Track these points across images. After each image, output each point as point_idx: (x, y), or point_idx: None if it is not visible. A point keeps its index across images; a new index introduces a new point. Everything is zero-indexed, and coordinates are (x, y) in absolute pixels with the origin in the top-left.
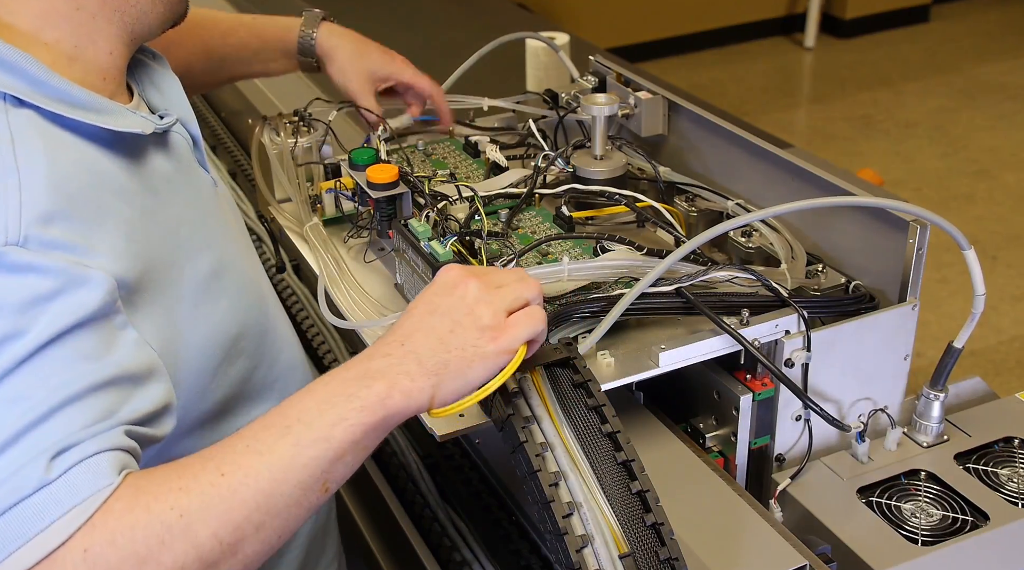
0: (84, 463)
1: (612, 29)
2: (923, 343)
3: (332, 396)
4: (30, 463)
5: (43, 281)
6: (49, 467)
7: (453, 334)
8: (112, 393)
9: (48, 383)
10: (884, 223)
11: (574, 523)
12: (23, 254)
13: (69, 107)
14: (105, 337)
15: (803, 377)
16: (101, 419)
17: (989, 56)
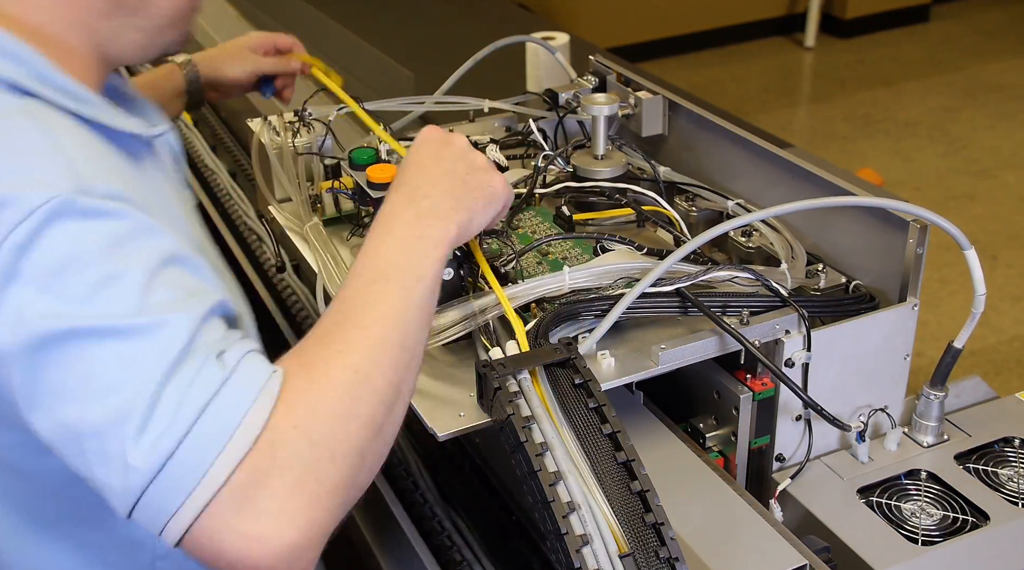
0: (247, 356)
1: (612, 29)
2: (923, 343)
3: (406, 240)
4: (203, 367)
5: (121, 224)
6: (221, 365)
7: (471, 175)
8: (220, 315)
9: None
10: (884, 223)
11: (574, 523)
12: (92, 201)
13: (75, 101)
14: (192, 273)
15: (803, 377)
16: (225, 334)
17: (989, 56)
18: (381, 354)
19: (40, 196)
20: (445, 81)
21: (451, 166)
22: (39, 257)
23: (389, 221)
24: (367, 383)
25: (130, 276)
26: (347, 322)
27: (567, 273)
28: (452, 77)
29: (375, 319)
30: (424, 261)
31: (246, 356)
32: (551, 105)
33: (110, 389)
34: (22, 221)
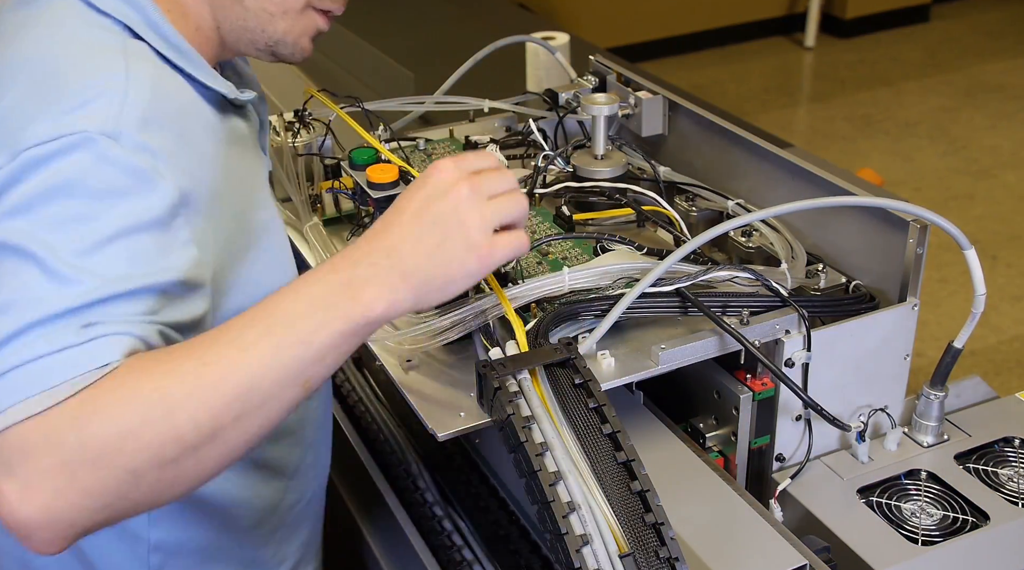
0: (106, 338)
1: (612, 29)
2: (923, 343)
3: (317, 301)
4: (65, 327)
5: (121, 177)
6: (79, 333)
7: (441, 249)
8: (160, 296)
9: (106, 274)
10: (884, 223)
11: (574, 523)
12: (112, 147)
13: (176, 53)
14: (165, 244)
15: (803, 377)
16: (143, 314)
17: (989, 56)
18: (204, 395)
19: (76, 125)
20: (445, 81)
21: (423, 231)
22: (38, 180)
23: (323, 271)
24: (168, 414)
25: (96, 226)
26: (199, 349)
27: (567, 273)
28: (452, 77)
29: (221, 360)
30: (320, 329)
31: (110, 337)
32: (551, 105)
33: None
34: (48, 141)
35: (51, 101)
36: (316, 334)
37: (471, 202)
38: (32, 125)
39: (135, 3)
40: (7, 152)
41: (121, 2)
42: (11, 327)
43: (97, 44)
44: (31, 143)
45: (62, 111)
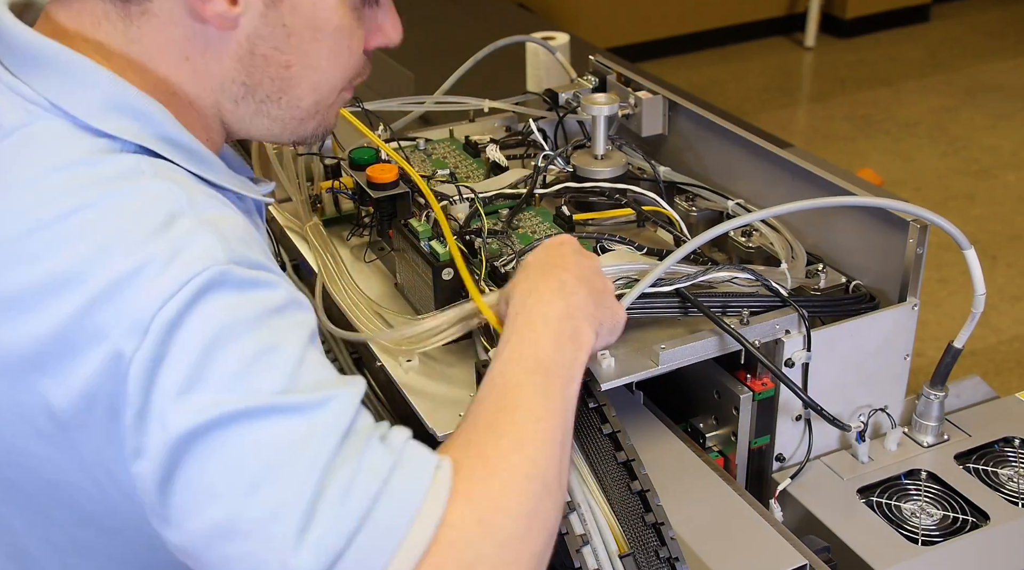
0: (410, 442)
1: (612, 29)
2: (923, 343)
3: (560, 337)
4: (368, 450)
5: (274, 294)
6: (388, 448)
7: (603, 295)
8: None
9: (331, 384)
10: (884, 223)
11: (574, 523)
12: (246, 271)
13: (198, 163)
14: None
15: (803, 377)
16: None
17: (989, 56)
18: (552, 449)
19: (194, 265)
20: (445, 81)
21: (591, 275)
22: (190, 336)
23: (541, 310)
24: (544, 479)
25: (285, 349)
26: (518, 411)
27: None
28: (452, 77)
29: (546, 412)
30: (575, 362)
31: (410, 440)
32: (551, 105)
33: (264, 479)
34: (174, 294)
35: (130, 251)
36: (574, 368)
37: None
38: (133, 287)
39: (148, 116)
40: (128, 333)
41: (129, 119)
42: (306, 480)
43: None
44: (155, 307)
45: (159, 257)
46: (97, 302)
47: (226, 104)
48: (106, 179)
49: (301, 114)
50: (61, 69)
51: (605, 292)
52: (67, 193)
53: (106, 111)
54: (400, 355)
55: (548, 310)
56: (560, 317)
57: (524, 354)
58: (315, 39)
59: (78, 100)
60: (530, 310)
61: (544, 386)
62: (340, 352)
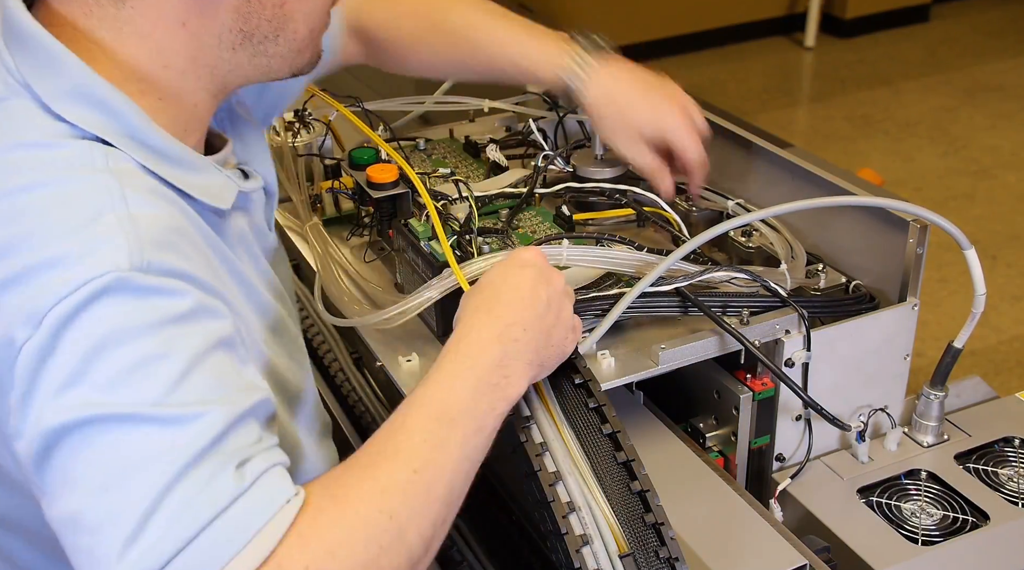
0: (269, 471)
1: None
2: (923, 343)
3: (480, 385)
4: (218, 475)
5: (177, 302)
6: (239, 476)
7: (554, 329)
8: (258, 417)
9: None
10: (884, 223)
11: (574, 523)
12: (149, 278)
13: (162, 161)
14: (239, 364)
15: (803, 377)
16: (259, 439)
17: (989, 56)
18: (423, 504)
19: (95, 268)
20: (444, 82)
21: (544, 310)
22: (78, 336)
23: (472, 354)
24: (400, 534)
25: (171, 359)
26: (399, 457)
27: (565, 248)
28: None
29: (429, 463)
30: (489, 413)
31: (270, 470)
32: (551, 105)
33: (113, 483)
34: (70, 293)
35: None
36: (487, 418)
37: (565, 290)
38: (41, 278)
39: (114, 111)
40: (24, 322)
41: (92, 109)
42: (148, 493)
43: (78, 164)
44: (51, 302)
45: (70, 252)
46: (6, 284)
47: (223, 55)
48: (53, 165)
49: (298, 45)
50: (36, 51)
51: (557, 326)
52: (17, 172)
53: (71, 99)
54: (400, 354)
55: (479, 353)
56: (491, 366)
57: (434, 398)
58: None
59: (46, 84)
60: (462, 351)
61: (441, 436)
62: (340, 352)
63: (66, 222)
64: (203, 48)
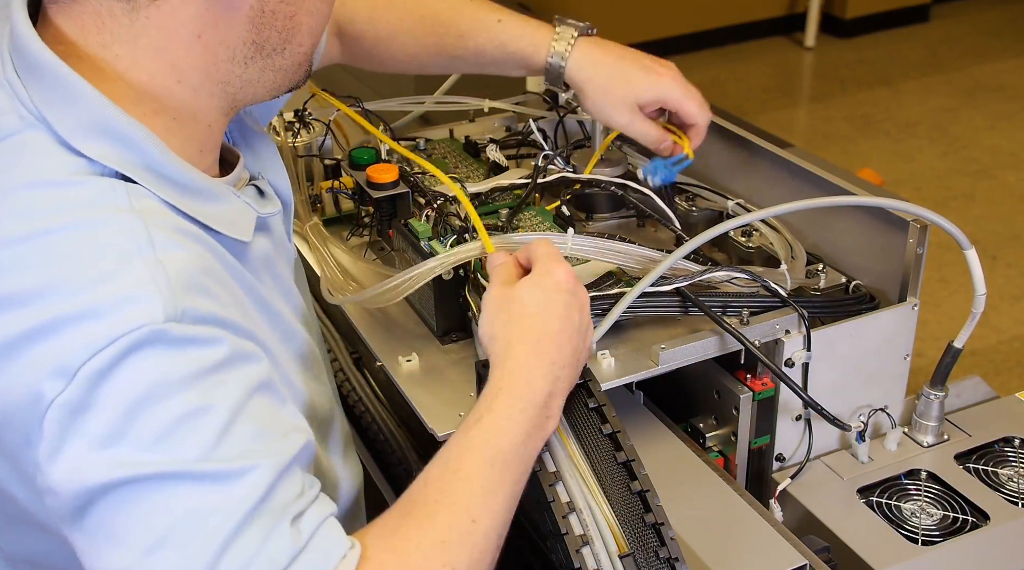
0: (324, 525)
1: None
2: (923, 343)
3: (531, 428)
4: (274, 532)
5: (214, 351)
6: (295, 533)
7: (578, 352)
8: (301, 463)
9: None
10: (884, 223)
11: (574, 523)
12: (184, 328)
13: (179, 193)
14: (278, 405)
15: (803, 377)
16: (303, 489)
17: (989, 56)
18: (481, 553)
19: (130, 321)
20: (445, 81)
21: (580, 340)
22: (115, 392)
23: (524, 395)
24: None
25: (213, 412)
26: (457, 507)
27: (570, 237)
28: (452, 77)
29: (487, 512)
30: (534, 453)
31: (323, 524)
32: (551, 105)
33: (166, 542)
34: (105, 347)
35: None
36: (532, 458)
37: (585, 306)
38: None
39: (133, 143)
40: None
41: (111, 143)
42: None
43: (100, 204)
44: (84, 356)
45: (103, 305)
46: (32, 335)
47: (235, 70)
48: (76, 205)
49: (300, 59)
50: (52, 82)
51: (581, 350)
52: (36, 214)
53: (89, 133)
54: (399, 353)
55: (531, 396)
56: (540, 405)
57: (489, 443)
58: None
59: (63, 117)
60: (515, 393)
61: (497, 481)
62: (340, 352)
63: (94, 269)
64: (216, 63)
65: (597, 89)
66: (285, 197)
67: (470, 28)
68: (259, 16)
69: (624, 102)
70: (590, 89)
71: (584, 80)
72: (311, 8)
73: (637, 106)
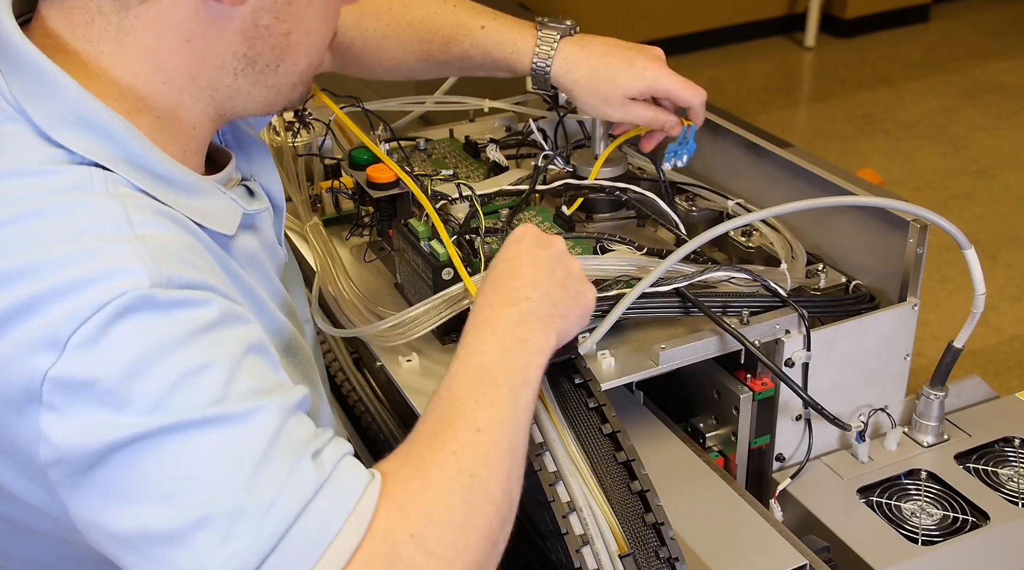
0: (344, 459)
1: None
2: (923, 343)
3: (508, 343)
4: (297, 466)
5: (205, 312)
6: (318, 466)
7: (568, 281)
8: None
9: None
10: (884, 223)
11: (574, 523)
12: (171, 293)
13: (160, 185)
14: (272, 368)
15: (803, 377)
16: (322, 430)
17: (989, 55)
18: (496, 459)
19: (115, 288)
20: (445, 81)
21: (549, 269)
22: (110, 357)
23: (490, 321)
24: (484, 490)
25: (212, 368)
26: (457, 422)
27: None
28: (452, 77)
29: (488, 422)
30: (528, 366)
31: (343, 459)
32: (551, 105)
33: (188, 487)
34: (91, 316)
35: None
36: (528, 371)
37: (564, 248)
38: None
39: (112, 135)
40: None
41: (89, 134)
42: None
43: (77, 189)
44: (72, 325)
45: (85, 277)
46: (14, 314)
47: (224, 79)
48: (53, 191)
49: (295, 79)
50: (32, 75)
51: (568, 280)
52: (13, 201)
53: (67, 124)
54: (392, 343)
55: (496, 321)
56: (509, 326)
57: (470, 365)
58: (310, 4)
59: (41, 108)
60: (478, 323)
61: (490, 395)
62: (340, 352)
63: (74, 248)
64: (205, 69)
65: (584, 90)
66: (277, 201)
67: (454, 35)
68: (252, 29)
69: (613, 98)
70: (578, 91)
71: (570, 83)
72: (309, 29)
73: (627, 98)
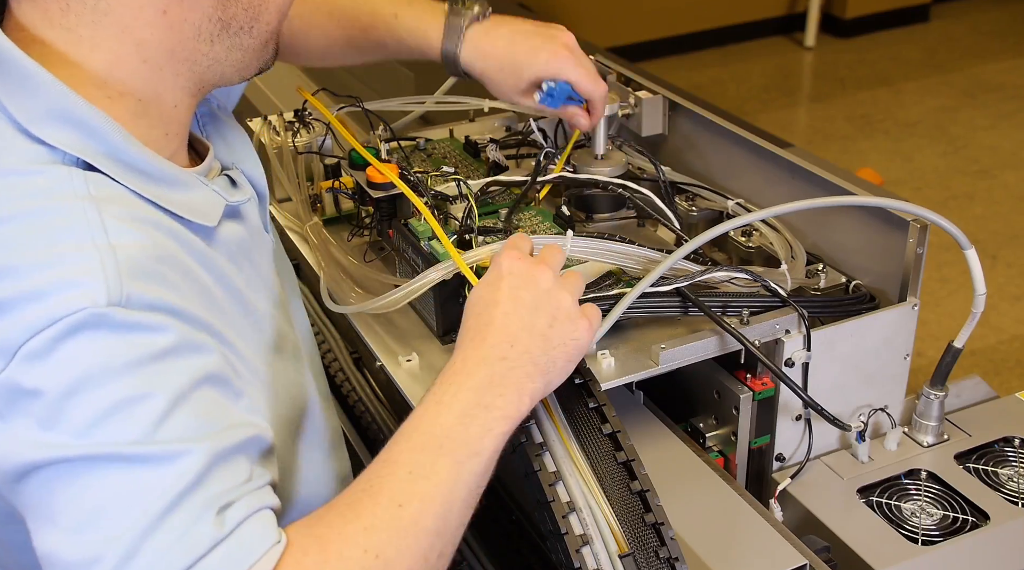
0: (252, 517)
1: (612, 29)
2: (923, 343)
3: (469, 408)
4: (198, 520)
5: (157, 338)
6: (219, 522)
7: (553, 329)
8: (250, 454)
9: (190, 438)
10: (884, 223)
11: (574, 523)
12: (128, 313)
13: (141, 179)
14: (230, 399)
15: (803, 377)
16: (248, 478)
17: (989, 55)
18: (410, 539)
19: (71, 303)
20: (445, 81)
21: (530, 318)
22: (54, 373)
23: (457, 379)
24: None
25: (151, 400)
26: (382, 493)
27: (569, 239)
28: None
29: (414, 496)
30: (484, 435)
31: (253, 516)
32: None
33: (91, 523)
34: (44, 328)
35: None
36: (483, 441)
37: (552, 280)
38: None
39: (93, 129)
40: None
41: (71, 130)
42: (125, 537)
43: (56, 192)
44: (24, 336)
45: (48, 287)
46: None
47: (201, 48)
48: (33, 193)
49: (266, 37)
50: (9, 71)
51: (555, 325)
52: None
53: (48, 120)
54: (399, 353)
55: (465, 380)
56: (476, 387)
57: (419, 427)
58: None
59: (21, 105)
60: (446, 379)
61: (428, 466)
62: (340, 352)
63: (43, 255)
64: (182, 40)
65: (492, 81)
66: (259, 187)
67: (371, 23)
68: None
69: (519, 88)
70: (487, 81)
71: (479, 73)
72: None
73: (533, 86)
